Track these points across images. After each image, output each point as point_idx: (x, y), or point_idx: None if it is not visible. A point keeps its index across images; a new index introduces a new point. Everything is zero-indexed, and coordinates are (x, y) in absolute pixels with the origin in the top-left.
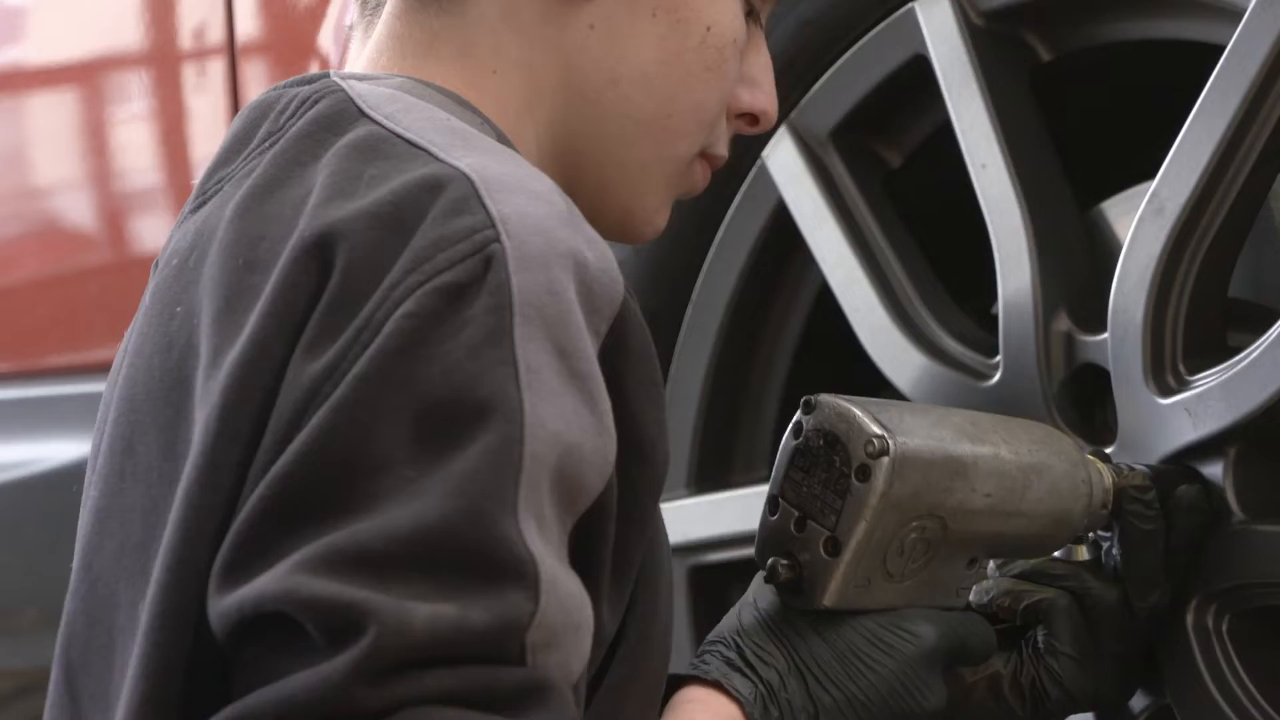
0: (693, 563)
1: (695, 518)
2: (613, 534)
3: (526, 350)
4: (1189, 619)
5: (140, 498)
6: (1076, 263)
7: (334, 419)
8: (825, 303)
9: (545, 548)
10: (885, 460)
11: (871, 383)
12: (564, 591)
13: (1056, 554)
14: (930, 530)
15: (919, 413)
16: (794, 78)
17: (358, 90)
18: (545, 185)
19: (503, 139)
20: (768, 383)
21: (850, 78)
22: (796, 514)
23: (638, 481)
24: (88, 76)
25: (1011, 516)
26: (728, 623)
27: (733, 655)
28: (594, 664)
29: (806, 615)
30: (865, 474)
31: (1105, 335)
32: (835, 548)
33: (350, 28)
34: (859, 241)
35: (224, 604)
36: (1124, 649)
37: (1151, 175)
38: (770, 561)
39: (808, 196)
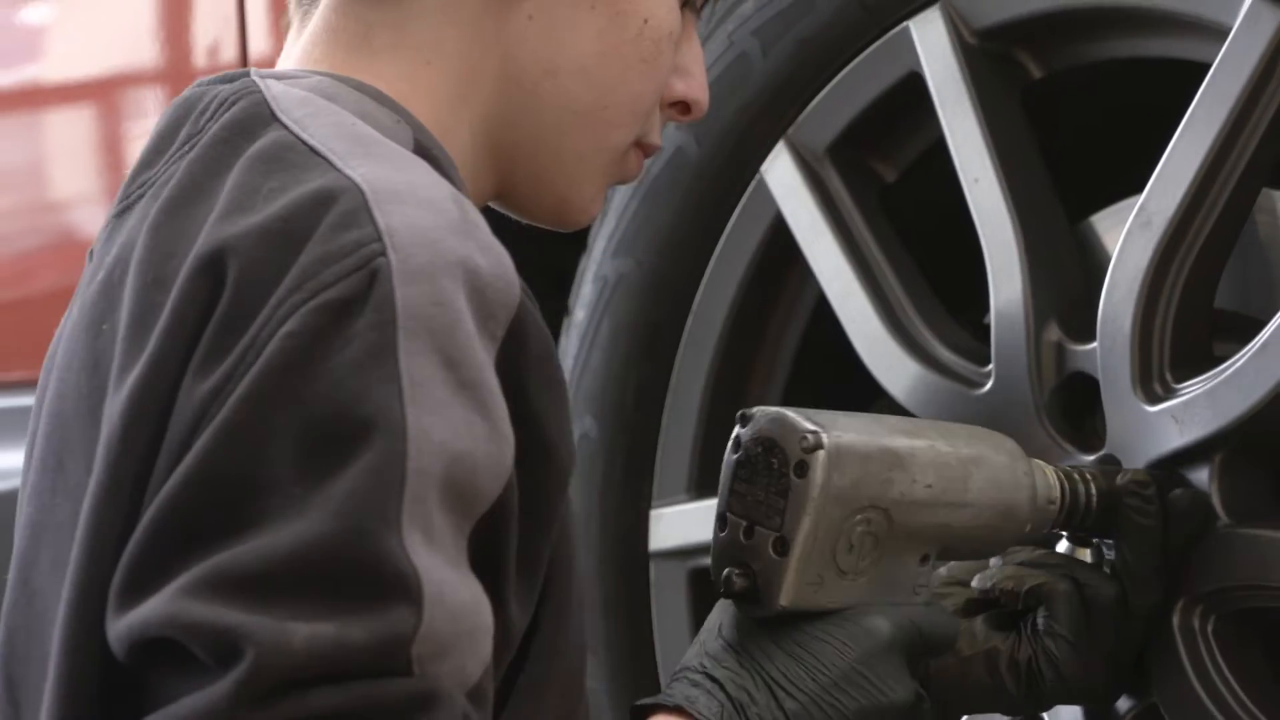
0: (693, 565)
1: (695, 522)
2: (516, 534)
3: (411, 364)
4: (1175, 620)
5: (70, 514)
6: (1066, 274)
7: (218, 440)
8: (822, 314)
9: (432, 559)
10: (821, 454)
11: (867, 392)
12: (453, 601)
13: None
14: (876, 524)
15: (853, 415)
16: (791, 94)
17: (274, 92)
18: (440, 193)
19: (423, 133)
20: (766, 391)
21: (846, 94)
22: (744, 524)
23: (543, 481)
24: (103, 93)
25: (956, 508)
26: (692, 649)
27: (698, 678)
28: (503, 663)
29: (765, 625)
30: (803, 470)
31: (1094, 345)
32: (784, 547)
33: (289, 16)
34: (855, 254)
35: (118, 627)
36: (1117, 646)
37: (1139, 189)
38: (725, 574)
39: (805, 210)
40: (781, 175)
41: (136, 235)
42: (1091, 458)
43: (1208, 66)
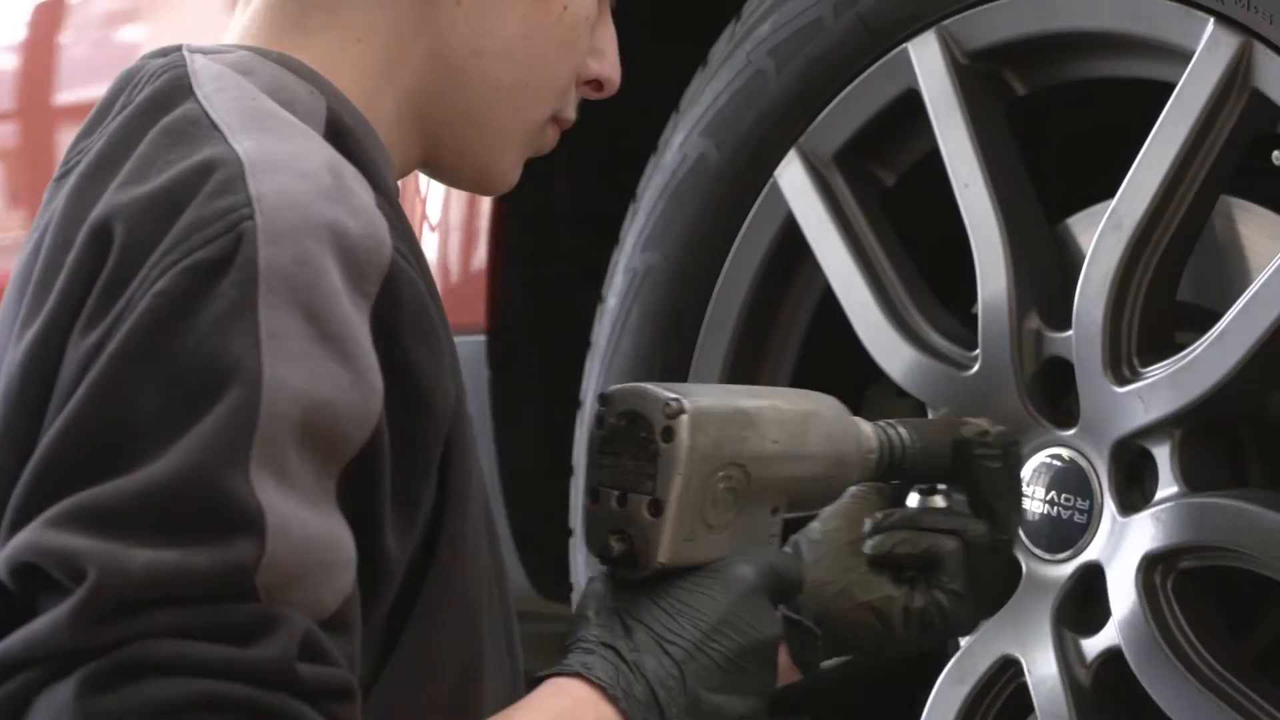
0: None
1: None
2: (389, 476)
3: (271, 318)
4: (1138, 578)
5: (7, 459)
6: (1046, 270)
7: (91, 392)
8: (828, 303)
9: (283, 497)
10: (684, 418)
11: (867, 373)
12: (300, 535)
13: (913, 503)
14: (736, 479)
15: (701, 385)
16: (802, 107)
17: (197, 66)
18: (316, 162)
19: (340, 103)
20: (778, 371)
21: (851, 108)
22: (616, 493)
23: (419, 426)
24: None
25: (800, 460)
26: (576, 623)
27: (590, 645)
28: (383, 591)
29: (641, 586)
30: (670, 435)
31: (1070, 333)
32: (658, 508)
33: None
34: (858, 250)
35: (2, 557)
36: (993, 586)
37: (1112, 195)
38: (604, 542)
39: (814, 211)
40: (793, 179)
41: (62, 198)
42: (1068, 433)
43: (1173, 86)
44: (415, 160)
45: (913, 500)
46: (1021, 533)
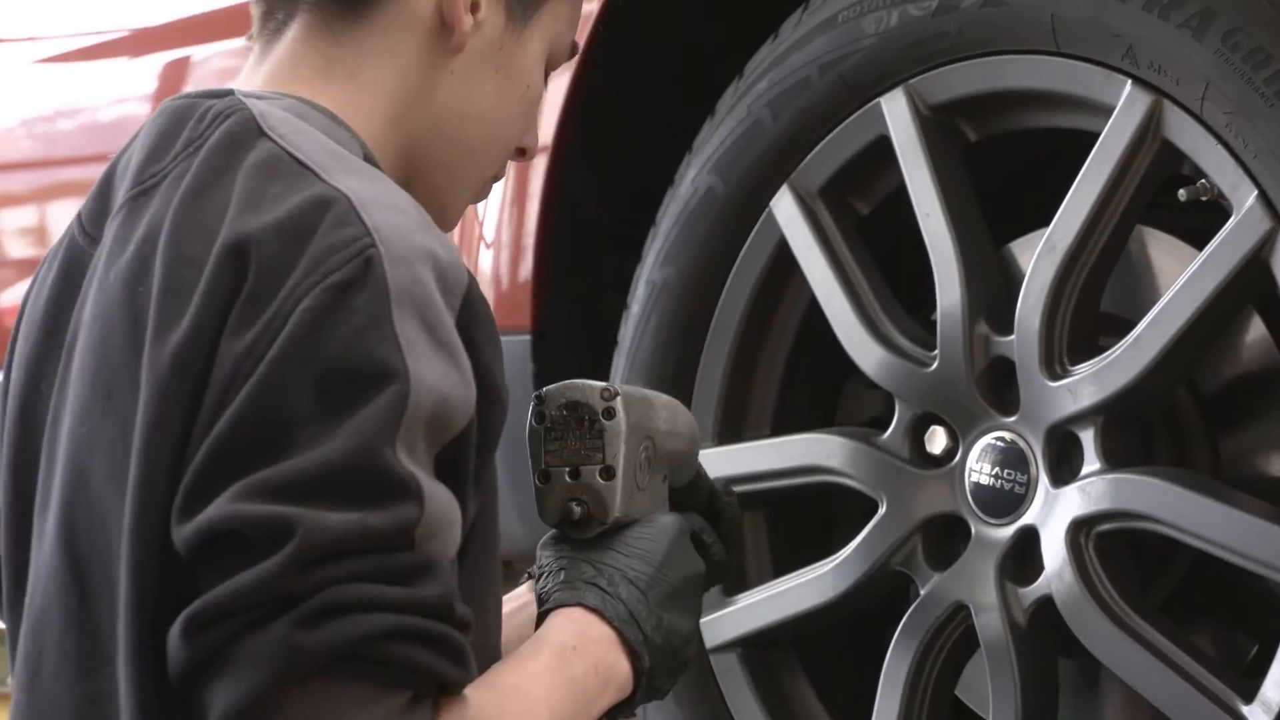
0: None
1: (717, 461)
2: (473, 455)
3: (403, 327)
4: (1067, 539)
5: (119, 434)
6: (993, 285)
7: (256, 391)
8: (813, 310)
9: (419, 469)
10: (619, 399)
11: (844, 368)
12: (440, 499)
13: None
14: (650, 449)
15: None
16: (794, 150)
17: (259, 109)
18: (404, 200)
19: (365, 149)
20: (772, 367)
21: (834, 150)
22: (567, 470)
23: (491, 415)
24: None
25: (678, 437)
26: (548, 580)
27: (573, 584)
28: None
29: (592, 543)
30: (611, 414)
31: (1013, 337)
32: (610, 473)
33: (249, 38)
34: (838, 267)
35: (183, 532)
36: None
37: (1047, 224)
38: (565, 508)
39: (802, 235)
40: (785, 209)
41: (161, 218)
42: (1010, 419)
43: (1097, 135)
44: None
45: None
46: (971, 500)
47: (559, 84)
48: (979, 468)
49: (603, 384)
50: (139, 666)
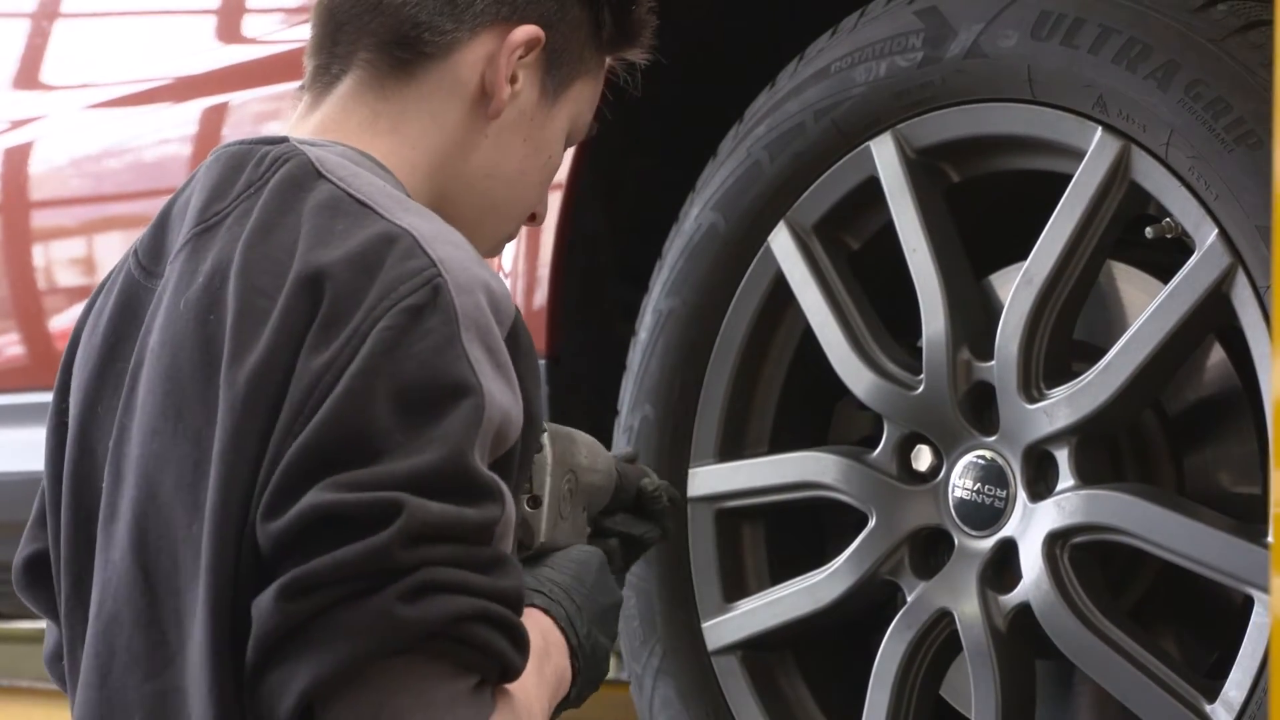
0: (717, 506)
1: (719, 477)
2: (515, 469)
3: (471, 349)
4: (1043, 550)
5: (188, 451)
6: (974, 315)
7: (340, 402)
8: (808, 338)
9: (491, 475)
10: (546, 435)
11: (836, 392)
12: (510, 503)
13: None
14: (572, 482)
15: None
16: (790, 190)
17: (315, 155)
18: (459, 236)
19: (407, 195)
20: (770, 390)
21: (827, 190)
22: None
23: (528, 434)
24: None
25: (596, 472)
26: None
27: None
28: None
29: (526, 563)
30: (540, 448)
31: (993, 363)
32: (537, 502)
33: (301, 89)
34: (831, 298)
35: (273, 526)
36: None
37: (1025, 258)
38: None
39: (797, 268)
40: (782, 244)
41: (229, 253)
42: (990, 439)
43: (1070, 177)
44: None
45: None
46: (954, 514)
47: None
48: (962, 484)
49: None
50: (216, 665)
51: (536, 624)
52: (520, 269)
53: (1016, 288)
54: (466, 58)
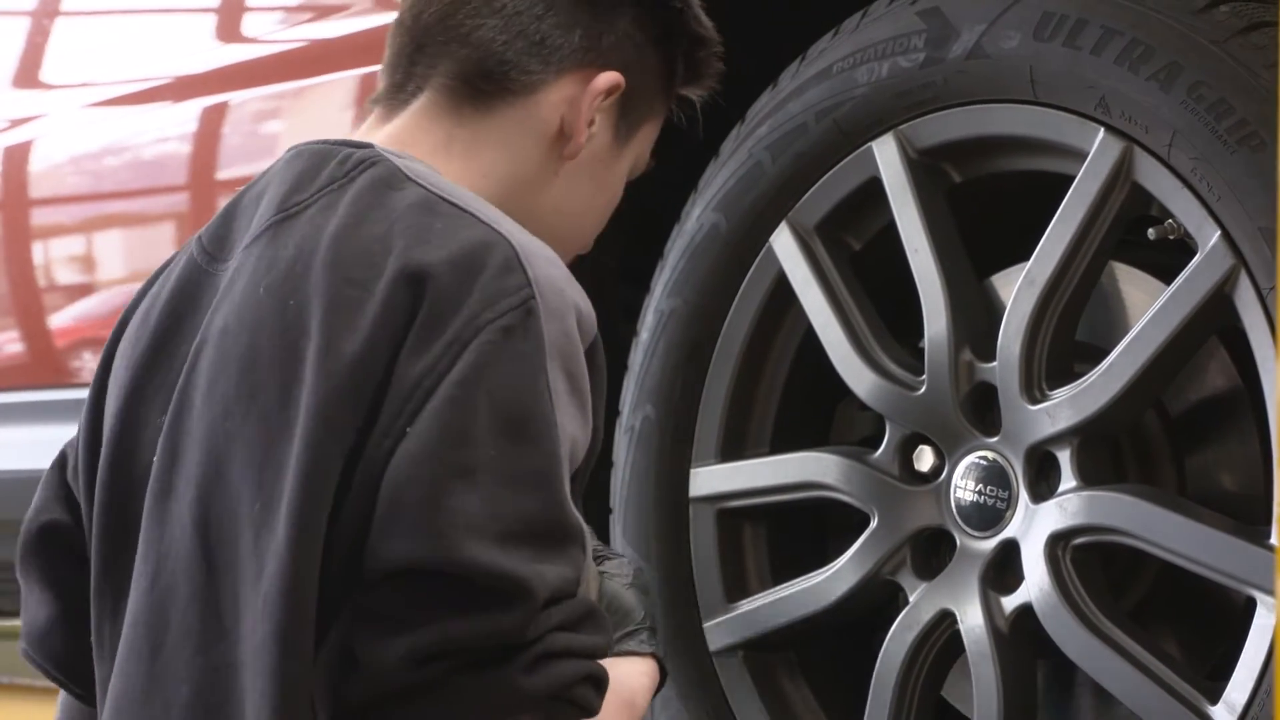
0: (718, 507)
1: (720, 477)
2: (578, 488)
3: (554, 378)
4: (1045, 551)
5: (259, 432)
6: (976, 316)
7: (443, 405)
8: (809, 338)
9: (575, 512)
10: None
11: (838, 392)
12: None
13: None
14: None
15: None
16: (792, 190)
17: (400, 162)
18: (551, 253)
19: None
20: (771, 390)
21: (829, 190)
22: None
23: (592, 448)
24: None
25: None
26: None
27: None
28: None
29: None
30: None
31: (995, 363)
32: None
33: (373, 102)
34: (833, 298)
35: (394, 549)
36: None
37: (1027, 259)
38: None
39: (799, 268)
40: (784, 244)
41: (314, 244)
42: (993, 440)
43: (1072, 178)
44: None
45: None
46: (956, 515)
47: None
48: (964, 485)
49: None
50: (283, 646)
51: (644, 673)
52: None
53: (1019, 289)
54: (549, 98)
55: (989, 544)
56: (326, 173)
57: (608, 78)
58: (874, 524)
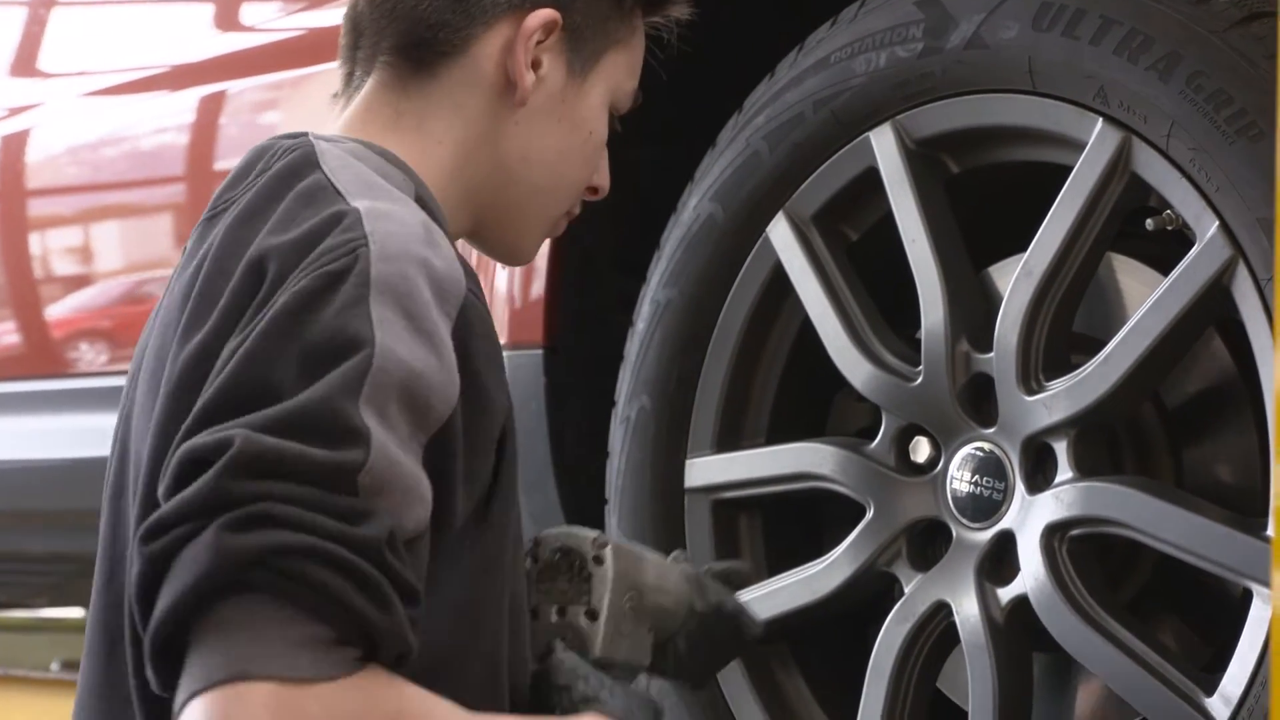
0: (714, 498)
1: (716, 468)
2: (461, 453)
3: (379, 310)
4: (1041, 542)
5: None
6: (973, 306)
7: (244, 358)
8: (806, 329)
9: (384, 431)
10: (609, 548)
11: (835, 383)
12: (394, 458)
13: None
14: (634, 600)
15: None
16: (789, 181)
17: (321, 148)
18: (414, 218)
19: (422, 189)
20: (767, 381)
21: (826, 180)
22: (555, 608)
23: (483, 419)
24: None
25: (664, 593)
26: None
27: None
28: (445, 540)
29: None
30: (600, 561)
31: (992, 354)
32: (594, 615)
33: (335, 96)
34: (830, 289)
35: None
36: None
37: (1025, 249)
38: (548, 646)
39: (796, 259)
40: (780, 235)
41: (217, 237)
42: (989, 431)
43: (1070, 169)
44: (463, 233)
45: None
46: (952, 506)
47: None
48: (960, 476)
49: (596, 533)
50: (136, 647)
51: None
52: None
53: (1016, 279)
54: (485, 50)
55: (985, 535)
56: (257, 167)
57: (539, 16)
58: (870, 515)
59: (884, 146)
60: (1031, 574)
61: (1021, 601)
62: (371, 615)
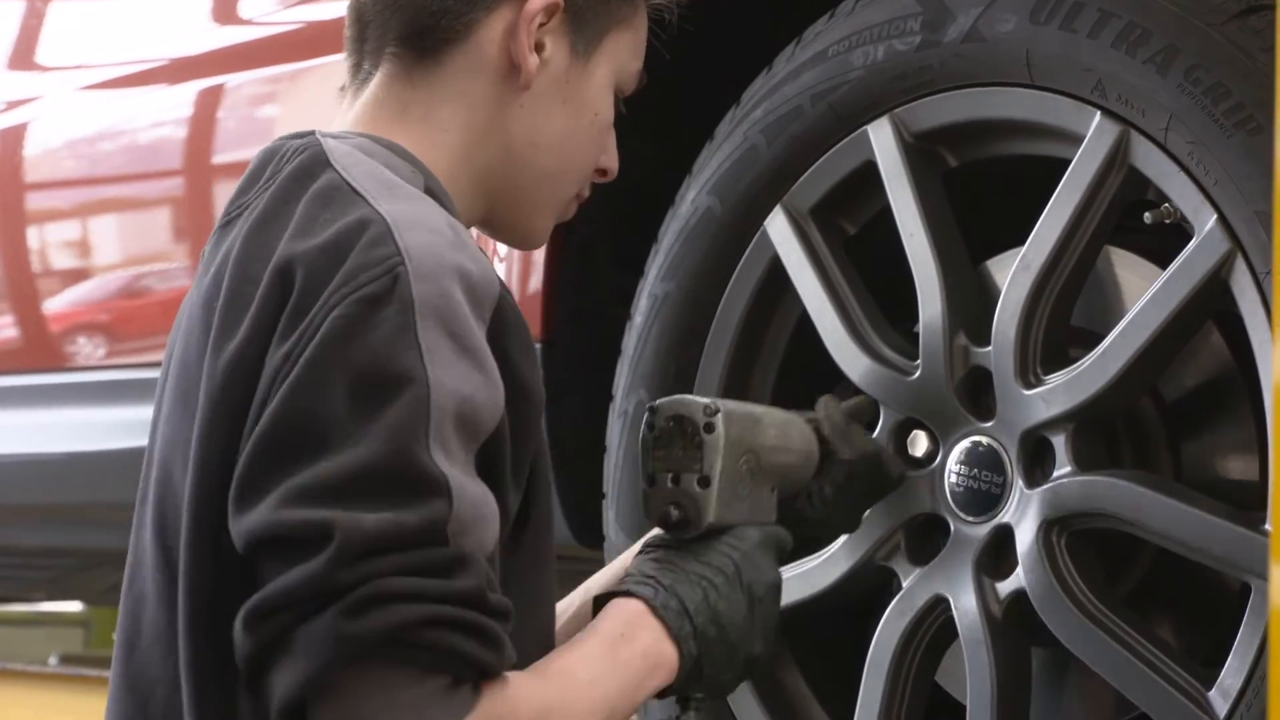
0: None
1: None
2: (509, 450)
3: (426, 337)
4: (1039, 536)
5: (192, 434)
6: (971, 300)
7: (292, 391)
8: (804, 322)
9: (453, 468)
10: (720, 415)
11: (833, 377)
12: (471, 495)
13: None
14: (751, 462)
15: (719, 398)
16: (787, 174)
17: (329, 146)
18: (440, 221)
19: (432, 180)
20: (765, 375)
21: (824, 174)
22: (670, 475)
23: (523, 413)
24: None
25: (787, 451)
26: (630, 576)
27: (639, 578)
28: (502, 540)
29: (681, 545)
30: (711, 428)
31: (990, 348)
32: (706, 482)
33: (342, 89)
34: (827, 283)
35: (236, 529)
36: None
37: (1023, 243)
38: (665, 511)
39: (794, 253)
40: (778, 228)
41: (236, 243)
42: (987, 424)
43: (1068, 162)
44: (475, 221)
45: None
46: (950, 500)
47: None
48: (958, 470)
49: (708, 400)
50: (195, 648)
51: (619, 612)
52: (515, 253)
53: (1014, 273)
54: (488, 35)
55: (983, 529)
56: (268, 171)
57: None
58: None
59: (882, 140)
60: (1030, 568)
61: (1019, 596)
62: (483, 656)
